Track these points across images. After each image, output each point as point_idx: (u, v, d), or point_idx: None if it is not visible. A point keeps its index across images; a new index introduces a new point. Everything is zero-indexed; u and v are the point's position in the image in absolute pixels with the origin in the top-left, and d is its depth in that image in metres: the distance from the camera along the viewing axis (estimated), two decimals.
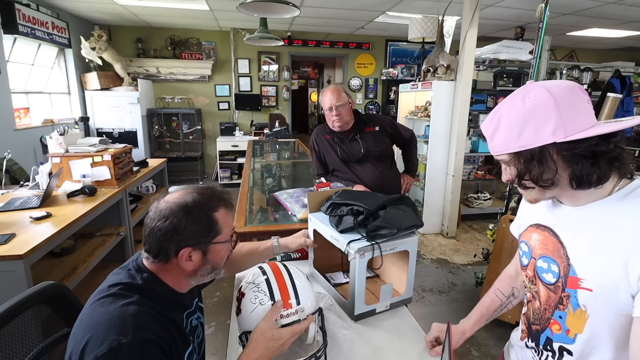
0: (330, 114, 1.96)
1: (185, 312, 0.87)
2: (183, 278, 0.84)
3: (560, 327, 0.77)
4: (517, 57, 4.14)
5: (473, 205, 4.48)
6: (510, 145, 0.72)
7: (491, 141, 0.76)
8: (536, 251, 0.82)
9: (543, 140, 0.68)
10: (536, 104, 0.69)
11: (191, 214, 0.79)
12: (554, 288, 0.78)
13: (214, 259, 0.84)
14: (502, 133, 0.73)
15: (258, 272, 0.97)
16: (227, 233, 0.85)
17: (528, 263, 0.85)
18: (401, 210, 1.20)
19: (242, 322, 0.92)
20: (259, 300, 0.90)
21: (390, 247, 1.12)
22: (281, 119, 5.88)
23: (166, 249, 0.79)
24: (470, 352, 2.19)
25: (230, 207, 0.88)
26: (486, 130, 0.78)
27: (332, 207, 1.26)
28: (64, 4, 4.38)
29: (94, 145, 2.49)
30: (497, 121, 0.74)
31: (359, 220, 1.14)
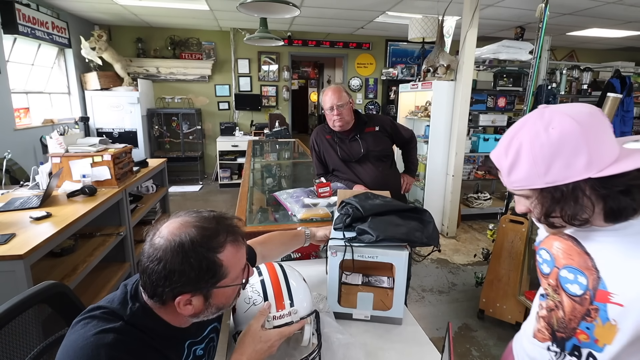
0: (331, 114, 1.96)
1: (187, 342, 0.80)
2: (183, 318, 0.75)
3: (588, 336, 0.74)
4: (517, 57, 4.14)
5: (473, 205, 4.48)
6: (535, 181, 0.65)
7: (508, 175, 0.69)
8: (560, 260, 0.78)
9: (576, 175, 0.62)
10: (563, 134, 0.62)
11: (188, 258, 0.67)
12: (579, 300, 0.74)
13: (220, 301, 0.74)
14: (524, 167, 0.65)
15: (254, 271, 0.97)
16: (235, 274, 0.73)
17: (550, 272, 0.81)
18: (401, 221, 1.15)
19: (236, 321, 0.93)
20: (252, 300, 0.90)
21: (369, 255, 1.08)
22: (281, 119, 5.88)
23: (161, 294, 0.69)
24: (470, 352, 2.19)
25: (239, 242, 0.75)
26: (500, 163, 0.70)
27: (342, 205, 1.30)
28: (64, 4, 4.38)
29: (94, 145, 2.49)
30: (514, 153, 0.66)
31: (346, 221, 1.17)
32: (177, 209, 4.51)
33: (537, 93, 4.08)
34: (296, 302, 0.92)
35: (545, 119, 0.65)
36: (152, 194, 3.37)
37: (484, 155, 4.77)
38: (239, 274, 0.75)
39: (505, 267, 2.32)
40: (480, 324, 2.42)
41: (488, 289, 2.40)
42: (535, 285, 2.29)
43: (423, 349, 1.04)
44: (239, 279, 0.75)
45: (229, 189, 5.63)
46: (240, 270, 0.75)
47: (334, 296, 1.12)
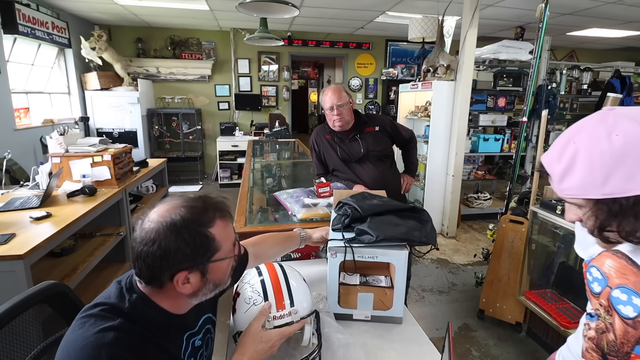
0: (331, 114, 1.97)
1: (186, 334, 0.81)
2: (182, 299, 0.76)
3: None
4: (517, 57, 4.14)
5: (473, 205, 4.48)
6: (591, 191, 0.60)
7: (560, 182, 0.64)
8: (613, 280, 0.72)
9: (639, 189, 0.57)
10: (628, 142, 0.57)
11: (181, 235, 0.69)
12: (633, 323, 0.69)
13: (216, 277, 0.76)
14: (579, 175, 0.60)
15: (254, 272, 0.97)
16: (227, 247, 0.76)
17: (601, 291, 0.76)
18: (400, 220, 1.15)
19: (237, 321, 0.92)
20: (252, 300, 0.90)
21: (369, 255, 1.08)
22: (281, 119, 5.88)
23: (159, 276, 0.70)
24: (470, 352, 2.19)
25: (227, 217, 0.78)
26: (552, 168, 0.65)
27: (340, 206, 1.29)
28: (64, 4, 4.38)
29: (94, 145, 2.49)
30: (570, 159, 0.61)
31: (345, 222, 1.16)
32: None
33: (537, 93, 4.09)
34: (296, 302, 0.92)
35: (608, 123, 0.59)
36: (152, 194, 3.37)
37: (484, 155, 4.78)
38: (231, 248, 0.78)
39: (505, 267, 2.32)
40: (480, 324, 2.42)
41: (488, 289, 2.40)
42: (535, 285, 2.30)
43: (423, 349, 1.04)
44: (231, 252, 0.77)
45: (229, 189, 5.63)
46: (231, 244, 0.78)
47: (334, 297, 1.11)
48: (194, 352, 0.83)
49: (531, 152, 4.37)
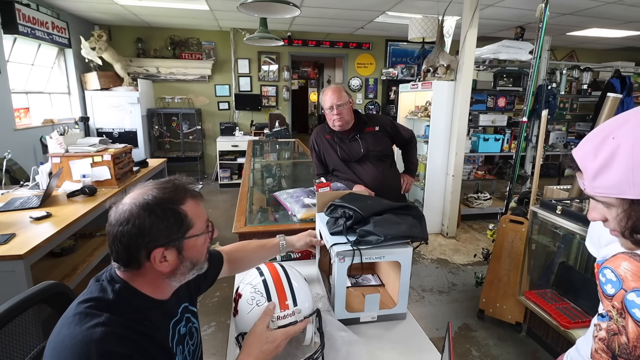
0: (331, 113, 1.97)
1: (171, 321, 0.82)
2: (162, 281, 0.77)
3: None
4: (517, 57, 4.14)
5: (473, 205, 4.48)
6: (627, 191, 0.57)
7: (593, 179, 0.60)
8: (628, 283, 0.71)
9: None
10: None
11: (155, 212, 0.71)
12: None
13: (192, 254, 0.78)
14: (617, 173, 0.57)
15: (255, 273, 0.97)
16: (200, 225, 0.78)
17: (615, 294, 0.74)
18: (399, 219, 1.15)
19: (239, 322, 0.92)
20: (255, 301, 0.90)
21: (377, 256, 1.07)
22: (281, 119, 5.88)
23: (136, 255, 0.72)
24: (470, 352, 2.19)
25: (198, 197, 0.81)
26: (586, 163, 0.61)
27: (331, 209, 1.26)
28: (64, 4, 4.38)
29: (94, 145, 2.49)
30: (609, 155, 0.58)
31: (348, 224, 1.13)
32: None
33: (537, 93, 4.09)
34: (299, 302, 0.92)
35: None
36: None
37: (484, 155, 4.78)
38: (204, 225, 0.80)
39: (505, 267, 2.32)
40: (480, 324, 2.42)
41: (488, 289, 2.40)
42: (535, 285, 2.29)
43: (423, 349, 1.04)
44: (204, 229, 0.80)
45: (229, 189, 5.63)
46: (204, 222, 0.80)
47: (341, 303, 1.09)
48: (180, 339, 0.84)
49: (531, 152, 4.38)
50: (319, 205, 1.35)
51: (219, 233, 0.92)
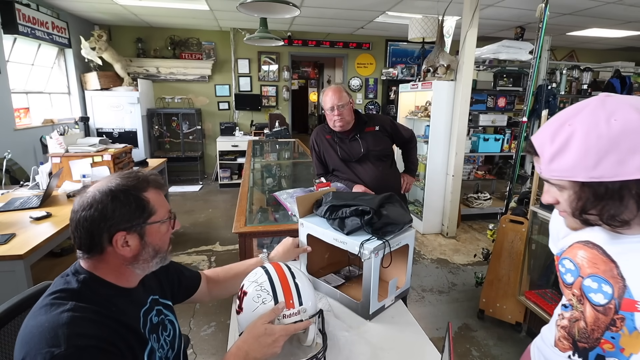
0: (331, 114, 1.96)
1: (142, 310, 0.83)
2: (125, 267, 0.79)
3: (613, 346, 0.73)
4: (517, 57, 4.14)
5: (473, 205, 4.48)
6: (579, 173, 0.61)
7: (549, 162, 0.64)
8: (585, 270, 0.76)
9: (627, 174, 0.58)
10: (625, 128, 0.58)
11: (117, 197, 0.75)
12: (603, 310, 0.72)
13: (154, 241, 0.80)
14: (571, 157, 0.61)
15: (261, 271, 0.96)
16: (162, 213, 0.81)
17: (574, 282, 0.79)
18: (397, 207, 1.23)
19: (244, 320, 0.92)
20: (261, 299, 0.90)
21: (396, 243, 1.14)
22: (281, 119, 5.88)
23: (99, 238, 0.74)
24: (470, 352, 2.19)
25: (160, 188, 0.83)
26: (544, 148, 0.65)
27: (330, 210, 1.23)
28: (64, 4, 4.38)
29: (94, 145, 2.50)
30: (565, 139, 0.62)
31: (366, 220, 1.13)
32: (177, 209, 4.52)
33: (537, 93, 4.09)
34: (304, 301, 0.92)
35: (607, 108, 0.60)
36: None
37: (484, 155, 4.78)
38: (166, 214, 0.82)
39: (505, 267, 2.32)
40: (480, 324, 2.42)
41: (488, 289, 2.40)
42: (535, 285, 2.30)
43: (423, 349, 1.04)
44: (166, 217, 0.82)
45: (229, 189, 5.63)
46: (166, 211, 0.83)
47: (375, 296, 1.12)
48: (153, 328, 0.85)
49: None
50: (303, 211, 1.32)
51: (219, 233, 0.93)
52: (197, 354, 2.10)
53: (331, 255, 1.47)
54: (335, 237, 1.17)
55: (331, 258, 1.47)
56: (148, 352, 0.80)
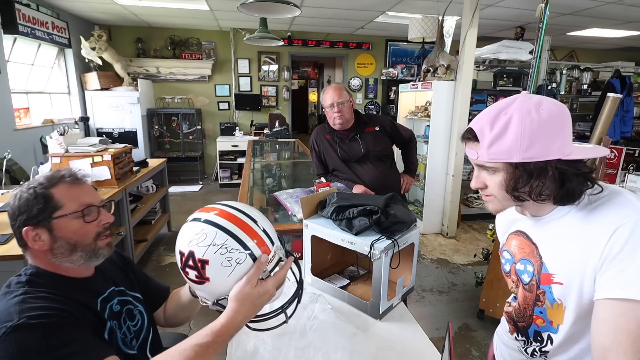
0: (331, 111, 1.97)
1: (99, 298, 0.87)
2: (51, 260, 0.82)
3: (543, 320, 0.82)
4: (517, 57, 4.14)
5: (473, 205, 4.48)
6: (513, 155, 0.69)
7: (489, 147, 0.71)
8: (517, 256, 0.86)
9: (551, 155, 0.68)
10: (551, 116, 0.68)
11: (23, 194, 0.80)
12: (528, 287, 0.83)
13: (66, 234, 0.81)
14: (509, 141, 0.69)
15: (212, 230, 0.78)
16: (71, 206, 0.82)
17: (510, 269, 0.89)
18: (401, 206, 1.24)
19: (214, 288, 0.79)
20: (234, 260, 0.76)
21: (403, 242, 1.16)
22: (281, 119, 5.88)
23: (18, 235, 0.80)
24: (470, 352, 2.19)
25: (76, 183, 0.85)
26: (484, 134, 0.72)
27: (337, 211, 1.23)
28: (64, 4, 4.38)
29: (94, 145, 2.49)
30: (503, 126, 0.70)
31: (374, 219, 1.14)
32: (177, 209, 4.52)
33: (537, 93, 4.08)
34: (273, 238, 0.83)
35: (534, 100, 0.70)
36: (152, 194, 3.37)
37: None
38: (77, 208, 0.83)
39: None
40: (480, 324, 2.42)
41: (488, 289, 2.40)
42: None
43: (423, 349, 1.04)
44: (77, 210, 0.83)
45: (229, 189, 5.63)
46: (78, 205, 0.83)
47: (385, 295, 1.13)
48: (113, 315, 0.88)
49: None
50: (307, 212, 1.32)
51: None
52: None
53: (333, 255, 1.47)
54: (343, 238, 1.18)
55: (334, 259, 1.48)
56: (108, 331, 0.84)
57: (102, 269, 0.93)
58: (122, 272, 1.00)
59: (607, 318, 0.66)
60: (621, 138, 4.54)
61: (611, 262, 0.66)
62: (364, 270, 1.43)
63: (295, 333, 1.00)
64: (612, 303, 0.65)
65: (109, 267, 0.96)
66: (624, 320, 0.63)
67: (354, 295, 1.21)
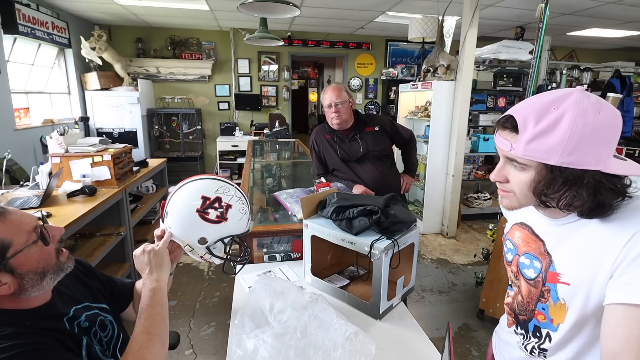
0: (329, 111, 1.97)
1: (64, 318, 0.82)
2: (17, 298, 0.76)
3: (545, 317, 0.81)
4: (517, 57, 4.14)
5: (473, 205, 4.48)
6: (552, 157, 0.63)
7: (528, 141, 0.65)
8: (520, 248, 0.86)
9: (593, 164, 0.63)
10: (607, 123, 0.62)
11: None
12: (534, 283, 0.82)
13: (31, 267, 0.75)
14: (554, 140, 0.63)
15: (231, 187, 1.05)
16: (20, 239, 0.74)
17: (512, 259, 0.89)
18: (401, 206, 1.25)
19: (227, 228, 1.01)
20: (244, 210, 1.04)
21: (403, 242, 1.16)
22: (281, 119, 5.88)
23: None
24: (470, 352, 2.19)
25: (4, 215, 0.76)
26: (527, 125, 0.65)
27: (337, 212, 1.23)
28: (64, 4, 4.38)
29: (94, 145, 2.49)
30: (552, 122, 0.63)
31: (374, 219, 1.14)
32: None
33: (537, 93, 4.08)
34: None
35: (592, 100, 0.63)
36: (152, 194, 3.37)
37: (484, 155, 4.78)
38: (26, 237, 0.75)
39: (505, 267, 2.32)
40: (480, 324, 2.42)
41: (488, 289, 2.40)
42: None
43: (423, 349, 1.04)
44: (28, 240, 0.76)
45: None
46: (25, 233, 0.76)
47: (385, 295, 1.13)
48: (83, 331, 0.85)
49: None
50: (308, 212, 1.32)
51: None
52: (197, 354, 2.11)
53: (333, 255, 1.47)
54: (343, 238, 1.18)
55: (334, 259, 1.48)
56: (85, 347, 0.82)
57: (60, 289, 0.87)
58: (82, 285, 0.96)
59: (618, 323, 0.64)
60: (621, 138, 4.54)
61: (626, 267, 0.64)
62: (364, 270, 1.43)
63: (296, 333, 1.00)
64: (625, 308, 0.64)
65: (67, 283, 0.90)
66: (636, 325, 0.62)
67: (354, 295, 1.21)
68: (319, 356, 0.93)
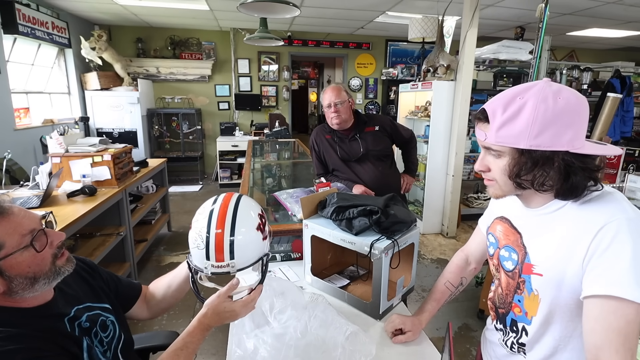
0: (329, 111, 1.97)
1: (65, 319, 0.82)
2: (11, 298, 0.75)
3: (520, 309, 0.83)
4: (517, 57, 4.14)
5: (473, 205, 4.48)
6: (521, 141, 0.69)
7: (499, 129, 0.71)
8: (501, 242, 0.88)
9: (559, 145, 0.67)
10: (567, 106, 0.67)
11: None
12: (512, 274, 0.84)
13: (21, 271, 0.74)
14: (520, 125, 0.68)
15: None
16: (12, 242, 0.73)
17: (494, 253, 0.90)
18: (401, 206, 1.25)
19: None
20: (196, 244, 0.87)
21: (403, 242, 1.16)
22: (281, 119, 5.88)
23: None
24: (470, 352, 2.19)
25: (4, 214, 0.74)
26: (495, 116, 0.71)
27: (337, 212, 1.23)
28: (64, 4, 4.38)
29: (94, 145, 2.49)
30: (517, 109, 0.69)
31: (374, 219, 1.14)
32: (177, 209, 4.52)
33: None
34: (237, 255, 0.85)
35: (554, 88, 0.69)
36: (152, 194, 3.37)
37: None
38: (19, 240, 0.74)
39: None
40: (480, 324, 2.42)
41: (488, 289, 2.40)
42: None
43: (423, 349, 1.04)
44: (20, 244, 0.74)
45: (229, 189, 5.63)
46: (20, 237, 0.74)
47: (385, 295, 1.13)
48: (84, 332, 0.84)
49: None
50: (307, 212, 1.32)
51: None
52: (197, 354, 2.11)
53: (333, 255, 1.47)
54: (343, 238, 1.18)
55: (334, 259, 1.48)
56: (86, 347, 0.81)
57: (62, 287, 0.86)
58: (85, 285, 0.94)
59: (597, 316, 0.67)
60: (621, 138, 4.54)
61: (598, 259, 0.67)
62: (364, 270, 1.43)
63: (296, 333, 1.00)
64: (602, 301, 0.66)
65: (70, 281, 0.89)
66: (614, 318, 0.65)
67: (354, 295, 1.21)
68: (319, 356, 0.93)
